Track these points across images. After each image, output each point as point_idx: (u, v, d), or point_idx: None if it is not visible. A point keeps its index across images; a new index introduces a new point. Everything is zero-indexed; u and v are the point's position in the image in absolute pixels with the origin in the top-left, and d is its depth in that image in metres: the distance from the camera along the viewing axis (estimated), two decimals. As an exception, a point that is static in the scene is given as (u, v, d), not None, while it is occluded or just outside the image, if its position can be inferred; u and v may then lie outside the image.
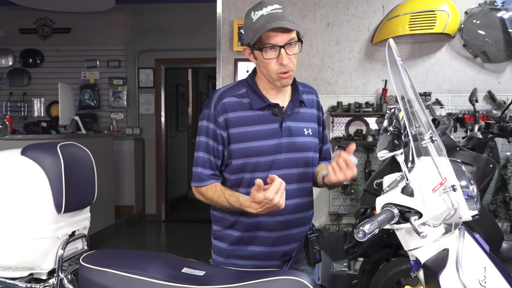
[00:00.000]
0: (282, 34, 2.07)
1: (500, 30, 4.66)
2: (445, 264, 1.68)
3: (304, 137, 2.24)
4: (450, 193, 1.71)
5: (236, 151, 2.16)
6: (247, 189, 2.14)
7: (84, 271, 1.87)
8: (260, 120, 2.17)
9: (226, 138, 2.17)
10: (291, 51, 2.11)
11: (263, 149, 2.15)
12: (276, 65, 2.10)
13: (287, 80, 2.16)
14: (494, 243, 3.43)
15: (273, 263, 2.20)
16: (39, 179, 1.88)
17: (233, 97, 2.20)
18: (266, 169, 2.15)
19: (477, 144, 3.69)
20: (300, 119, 2.25)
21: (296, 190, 2.22)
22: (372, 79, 4.93)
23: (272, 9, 2.08)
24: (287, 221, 2.19)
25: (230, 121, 2.16)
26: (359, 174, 4.89)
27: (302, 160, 2.23)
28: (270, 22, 2.05)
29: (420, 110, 1.80)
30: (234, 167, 2.18)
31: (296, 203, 2.22)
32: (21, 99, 9.02)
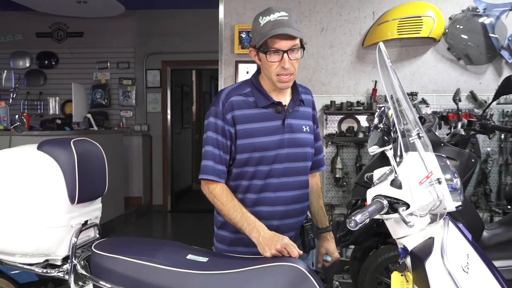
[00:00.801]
0: (286, 40, 2.08)
1: (481, 34, 4.66)
2: (430, 251, 1.69)
3: (303, 133, 2.25)
4: (435, 186, 1.72)
5: (242, 146, 2.16)
6: (249, 181, 2.17)
7: (96, 258, 1.87)
8: (264, 118, 2.18)
9: (234, 134, 2.16)
10: (293, 56, 2.12)
11: (268, 144, 2.15)
12: (278, 68, 2.11)
13: (287, 83, 2.17)
14: (476, 232, 3.43)
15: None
16: (54, 172, 1.88)
17: (240, 96, 2.20)
18: (270, 163, 2.16)
19: (460, 140, 3.69)
20: (300, 117, 2.26)
21: (295, 183, 2.23)
22: (363, 80, 4.93)
23: (279, 16, 2.09)
24: (287, 211, 2.21)
25: (237, 118, 2.16)
26: (350, 168, 4.90)
27: (301, 155, 2.24)
28: (276, 28, 2.07)
29: (408, 109, 1.80)
30: (239, 161, 2.18)
31: (295, 194, 2.23)
32: (38, 98, 9.02)
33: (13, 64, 8.97)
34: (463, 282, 1.63)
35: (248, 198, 2.19)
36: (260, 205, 2.17)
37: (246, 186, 2.18)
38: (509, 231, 3.62)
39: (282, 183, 2.20)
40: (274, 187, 2.18)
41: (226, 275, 1.78)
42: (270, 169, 2.17)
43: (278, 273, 1.79)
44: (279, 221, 2.19)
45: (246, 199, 2.18)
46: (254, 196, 2.18)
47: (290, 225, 2.23)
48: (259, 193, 2.18)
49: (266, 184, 2.18)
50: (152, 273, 1.80)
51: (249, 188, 2.19)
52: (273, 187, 2.18)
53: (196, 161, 11.06)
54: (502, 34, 4.65)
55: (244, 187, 2.19)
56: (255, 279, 1.77)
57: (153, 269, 1.80)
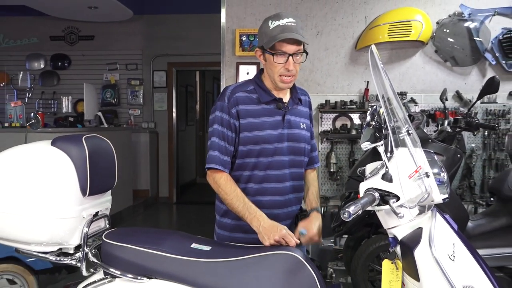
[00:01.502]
0: (292, 45, 2.11)
1: (466, 38, 4.66)
2: (419, 240, 1.69)
3: (300, 129, 2.26)
4: (424, 179, 1.72)
5: (245, 139, 2.18)
6: (251, 172, 2.19)
7: (106, 246, 1.87)
8: (266, 113, 2.20)
9: (238, 127, 2.18)
10: (297, 60, 2.15)
11: (268, 137, 2.17)
12: (282, 69, 2.14)
13: (288, 84, 2.20)
14: (461, 222, 3.44)
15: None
16: (66, 166, 1.88)
17: (244, 92, 2.22)
18: (270, 155, 2.18)
19: (446, 137, 3.69)
20: (298, 115, 2.28)
21: (293, 174, 2.25)
22: (356, 80, 4.92)
23: (288, 22, 2.12)
24: (286, 200, 2.23)
25: (241, 113, 2.18)
26: (344, 163, 4.90)
27: (299, 149, 2.27)
28: (285, 32, 2.09)
29: (398, 107, 1.80)
30: (241, 152, 2.19)
31: (293, 184, 2.26)
32: (52, 97, 9.01)
33: (28, 65, 8.98)
34: (449, 270, 1.63)
35: (250, 188, 2.20)
36: (262, 195, 2.19)
37: (248, 176, 2.20)
38: (492, 221, 3.62)
39: (282, 174, 2.21)
40: (274, 178, 2.20)
41: (228, 263, 1.78)
42: (270, 161, 2.18)
43: (276, 261, 1.79)
44: (279, 210, 2.21)
45: (248, 189, 2.19)
46: (256, 186, 2.19)
47: (288, 213, 2.25)
48: (261, 183, 2.19)
49: (267, 175, 2.19)
50: (158, 260, 1.80)
51: (250, 178, 2.20)
52: (273, 178, 2.20)
53: (200, 156, 11.08)
54: (486, 38, 4.64)
55: (246, 177, 2.20)
56: (254, 266, 1.77)
57: (159, 257, 1.80)
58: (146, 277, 1.80)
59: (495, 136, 4.70)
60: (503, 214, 3.61)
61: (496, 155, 4.70)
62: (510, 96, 4.72)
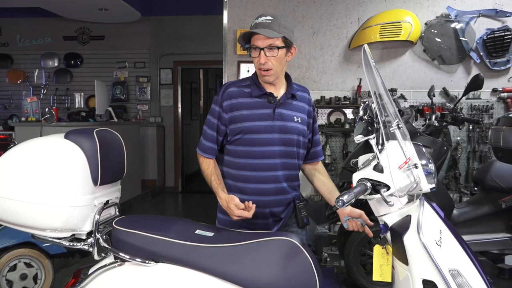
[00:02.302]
0: (263, 39, 2.11)
1: (453, 38, 4.65)
2: (408, 227, 1.69)
3: (293, 123, 2.23)
4: (412, 170, 1.72)
5: (236, 129, 2.19)
6: (244, 159, 2.20)
7: (116, 232, 1.87)
8: (256, 106, 2.20)
9: (229, 119, 2.19)
10: (269, 54, 2.12)
11: (257, 128, 2.17)
12: (258, 63, 2.15)
13: (268, 77, 2.18)
14: (447, 210, 3.44)
15: (264, 221, 2.23)
16: (79, 158, 1.87)
17: (237, 87, 2.24)
18: (261, 144, 2.18)
19: (434, 130, 3.69)
20: (292, 109, 2.25)
21: (285, 164, 2.23)
22: (349, 77, 4.91)
23: (264, 19, 2.12)
24: (278, 188, 2.22)
25: (233, 106, 2.20)
26: (338, 155, 4.90)
27: (291, 141, 2.23)
28: (257, 28, 2.10)
29: (389, 103, 1.79)
30: (234, 142, 2.21)
31: (285, 174, 2.23)
32: (65, 94, 9.02)
33: (43, 64, 8.98)
34: (436, 254, 1.63)
35: (243, 175, 2.21)
36: (254, 183, 2.19)
37: (241, 164, 2.21)
38: (476, 209, 3.63)
39: (273, 163, 2.20)
40: (265, 167, 2.19)
41: (230, 248, 1.78)
42: (260, 150, 2.18)
43: (274, 246, 1.79)
44: (271, 197, 2.21)
45: (242, 176, 2.21)
46: (248, 173, 2.20)
47: (281, 200, 2.24)
48: (252, 171, 2.19)
49: (258, 164, 2.19)
50: (165, 245, 1.80)
51: (243, 166, 2.21)
52: (264, 166, 2.19)
53: (204, 148, 11.05)
54: (471, 38, 4.64)
55: (239, 165, 2.22)
56: (254, 251, 1.77)
57: (166, 242, 1.80)
58: (154, 261, 1.80)
59: (479, 130, 4.70)
60: (486, 202, 3.62)
61: (480, 147, 4.70)
62: (493, 92, 4.72)
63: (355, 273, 3.49)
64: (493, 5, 4.68)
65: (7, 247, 3.61)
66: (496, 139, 3.05)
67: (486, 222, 3.55)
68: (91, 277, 1.86)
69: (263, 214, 2.21)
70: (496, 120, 3.32)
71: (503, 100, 4.69)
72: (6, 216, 1.89)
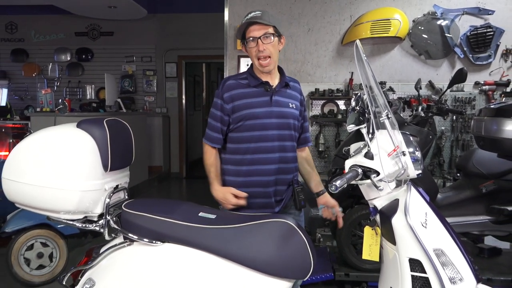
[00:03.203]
0: (258, 30, 2.16)
1: (439, 34, 4.62)
2: (396, 210, 1.69)
3: (289, 108, 2.27)
4: (401, 157, 1.72)
5: (238, 117, 2.21)
6: (245, 144, 2.22)
7: (125, 215, 1.87)
8: (255, 94, 2.23)
9: (231, 108, 2.21)
10: (266, 41, 2.16)
11: (257, 114, 2.20)
12: (256, 52, 2.18)
13: (268, 67, 2.21)
14: (432, 194, 3.45)
15: (268, 201, 2.24)
16: (90, 146, 1.87)
17: (235, 80, 2.27)
18: (261, 129, 2.20)
19: (420, 120, 3.68)
20: (286, 96, 2.29)
21: (282, 146, 2.25)
22: (342, 71, 4.90)
23: (254, 14, 2.19)
24: (278, 168, 2.23)
25: (233, 96, 2.22)
26: (331, 143, 4.89)
27: (287, 124, 2.26)
28: (248, 21, 2.16)
29: (379, 95, 1.79)
30: (236, 129, 2.23)
31: (283, 155, 2.25)
32: (77, 86, 9.00)
33: (56, 58, 8.94)
34: (422, 235, 1.64)
35: (246, 158, 2.22)
36: (255, 164, 2.21)
37: (244, 148, 2.22)
38: (458, 194, 3.63)
39: (271, 146, 2.21)
40: (264, 149, 2.21)
41: (230, 229, 1.79)
42: (260, 134, 2.20)
43: (272, 227, 1.79)
44: (270, 177, 2.22)
45: (244, 159, 2.22)
46: (250, 156, 2.21)
47: (280, 180, 2.25)
48: (254, 154, 2.21)
49: (258, 147, 2.20)
50: (170, 227, 1.80)
51: (246, 150, 2.22)
52: (264, 149, 2.21)
53: (206, 137, 11.04)
54: (456, 34, 4.61)
55: (243, 149, 2.23)
56: (253, 232, 1.78)
57: (171, 224, 1.81)
58: (160, 241, 1.80)
59: (462, 120, 4.69)
60: (468, 187, 3.63)
61: (463, 136, 4.70)
62: (476, 85, 4.70)
63: (346, 252, 3.51)
64: (477, 3, 4.65)
65: (25, 228, 3.62)
66: (478, 129, 3.05)
67: (468, 206, 3.56)
68: (102, 256, 1.87)
69: (267, 193, 2.22)
70: (478, 111, 3.32)
71: (485, 92, 4.68)
72: (24, 200, 1.89)
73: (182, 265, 1.76)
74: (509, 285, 3.31)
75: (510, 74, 4.68)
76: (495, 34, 4.56)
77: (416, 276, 1.64)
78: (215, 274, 1.74)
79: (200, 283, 1.72)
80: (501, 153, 3.00)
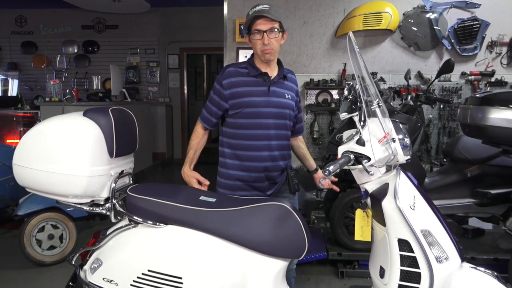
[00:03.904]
0: (265, 24, 2.14)
1: (427, 27, 4.60)
2: (386, 193, 1.69)
3: (285, 99, 2.26)
4: (391, 144, 1.72)
5: (236, 104, 2.21)
6: (242, 130, 2.21)
7: (130, 198, 1.87)
8: (253, 84, 2.21)
9: (229, 95, 2.21)
10: (271, 35, 2.15)
11: (254, 102, 2.19)
12: (260, 44, 2.16)
13: (269, 55, 2.20)
14: (420, 179, 3.46)
15: (261, 184, 2.25)
16: (96, 133, 1.86)
17: (235, 68, 2.26)
18: (258, 117, 2.20)
19: (409, 109, 3.67)
20: (283, 87, 2.27)
21: (278, 135, 2.25)
22: (335, 62, 4.87)
23: (262, 7, 2.17)
24: (271, 155, 2.23)
25: (232, 83, 2.21)
26: (325, 130, 4.89)
27: (283, 114, 2.26)
28: (257, 14, 2.13)
29: (370, 84, 1.78)
30: (234, 115, 2.22)
31: (278, 143, 2.25)
32: (84, 77, 8.95)
33: (64, 50, 8.89)
34: (410, 216, 1.64)
35: (243, 144, 2.21)
36: (252, 150, 2.20)
37: (241, 134, 2.21)
38: (445, 178, 3.64)
39: (267, 134, 2.21)
40: (260, 137, 2.20)
41: (229, 212, 1.79)
42: (257, 122, 2.19)
43: (269, 210, 1.79)
44: (266, 163, 2.22)
45: (239, 144, 2.22)
46: (246, 142, 2.21)
47: (274, 166, 2.25)
48: (250, 140, 2.20)
49: (255, 134, 2.20)
50: (173, 210, 1.80)
51: (243, 136, 2.21)
52: (260, 136, 2.20)
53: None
54: (444, 27, 4.59)
55: (239, 135, 2.22)
56: (251, 214, 1.78)
57: (174, 207, 1.81)
58: (163, 223, 1.80)
59: (449, 109, 4.69)
60: (454, 172, 3.63)
61: (449, 124, 4.70)
62: (462, 75, 4.69)
63: (339, 233, 3.52)
64: (464, -3, 4.62)
65: (36, 211, 3.62)
66: (464, 117, 3.04)
67: (453, 189, 3.57)
68: (109, 237, 1.87)
69: (260, 178, 2.23)
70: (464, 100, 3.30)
71: (471, 82, 4.66)
72: (34, 185, 1.89)
73: (184, 245, 1.77)
74: (491, 263, 3.34)
75: (494, 65, 4.67)
76: (481, 27, 4.53)
77: (404, 255, 1.65)
78: (215, 254, 1.75)
79: (201, 263, 1.73)
80: (485, 139, 3.00)
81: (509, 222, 3.00)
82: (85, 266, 1.88)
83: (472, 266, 1.71)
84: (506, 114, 2.76)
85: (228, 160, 2.26)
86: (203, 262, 1.73)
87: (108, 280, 1.78)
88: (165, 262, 1.74)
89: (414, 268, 1.64)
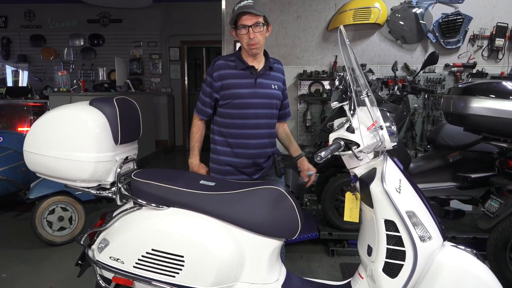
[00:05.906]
0: (250, 19, 2.10)
1: (414, 21, 4.57)
2: (374, 177, 1.70)
3: (271, 90, 2.25)
4: (378, 131, 1.71)
5: (226, 95, 2.19)
6: (232, 120, 2.21)
7: (135, 183, 1.87)
8: (241, 76, 2.20)
9: (219, 86, 2.20)
10: (256, 30, 2.12)
11: (242, 94, 2.18)
12: (246, 39, 2.13)
13: (255, 50, 2.17)
14: (405, 164, 3.47)
15: (249, 170, 2.26)
16: (102, 121, 1.85)
17: (224, 61, 2.23)
18: (246, 107, 2.19)
19: (396, 98, 3.67)
20: (270, 78, 2.25)
21: (266, 124, 2.25)
22: (327, 55, 4.85)
23: (246, 3, 2.11)
24: (260, 143, 2.24)
25: (222, 75, 2.19)
26: (317, 119, 4.89)
27: (270, 104, 2.25)
28: (241, 10, 2.09)
29: (360, 75, 1.77)
30: (223, 105, 2.22)
31: (266, 132, 2.25)
32: (90, 68, 8.87)
33: (71, 43, 8.79)
34: (396, 199, 1.65)
35: (234, 132, 2.22)
36: (242, 138, 2.21)
37: (231, 123, 2.21)
38: (428, 163, 3.65)
39: (256, 123, 2.21)
40: (249, 126, 2.20)
41: (228, 195, 1.79)
42: (246, 112, 2.18)
43: (264, 193, 1.80)
44: (255, 150, 2.22)
45: (232, 133, 2.22)
46: (236, 131, 2.21)
47: (263, 153, 2.26)
48: (240, 129, 2.20)
49: (244, 123, 2.20)
50: (175, 193, 1.80)
51: (233, 125, 2.21)
52: (249, 125, 2.20)
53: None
54: (429, 21, 4.56)
55: (230, 124, 2.22)
56: (248, 197, 1.78)
57: (176, 191, 1.81)
58: (166, 205, 1.81)
59: (433, 98, 4.69)
60: (437, 157, 3.65)
61: (433, 113, 4.70)
62: (446, 67, 4.68)
63: (329, 214, 3.54)
64: (448, -7, 4.59)
65: (46, 195, 3.62)
66: (447, 106, 3.04)
67: (436, 174, 3.59)
68: (115, 219, 1.87)
69: (247, 164, 2.24)
70: (447, 90, 3.30)
71: (454, 73, 4.66)
72: (44, 170, 1.88)
73: (185, 226, 1.77)
74: (471, 242, 3.37)
75: (476, 57, 4.66)
76: (464, 21, 4.51)
77: (390, 235, 1.66)
78: (214, 234, 1.75)
79: (201, 242, 1.74)
80: (467, 127, 3.00)
81: (487, 204, 3.02)
82: (93, 246, 1.88)
83: (453, 245, 1.72)
84: (486, 104, 2.76)
85: (219, 147, 2.27)
86: (203, 242, 1.73)
87: (115, 258, 1.79)
88: (168, 242, 1.74)
89: (399, 247, 1.65)
